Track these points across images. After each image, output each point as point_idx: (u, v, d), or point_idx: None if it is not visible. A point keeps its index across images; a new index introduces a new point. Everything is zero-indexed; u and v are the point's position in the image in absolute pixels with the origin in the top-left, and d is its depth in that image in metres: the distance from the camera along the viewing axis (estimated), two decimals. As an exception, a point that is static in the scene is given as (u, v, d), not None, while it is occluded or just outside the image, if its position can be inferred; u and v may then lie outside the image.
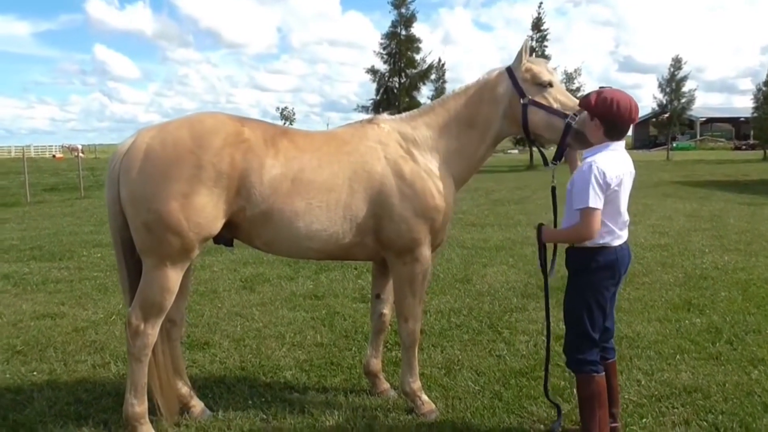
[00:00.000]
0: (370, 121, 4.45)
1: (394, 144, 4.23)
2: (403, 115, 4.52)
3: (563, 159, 4.19)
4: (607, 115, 3.60)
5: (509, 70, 4.22)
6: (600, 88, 3.76)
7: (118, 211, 3.88)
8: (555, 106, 4.07)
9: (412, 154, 4.21)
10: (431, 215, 4.15)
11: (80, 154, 42.26)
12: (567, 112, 4.02)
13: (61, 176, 33.56)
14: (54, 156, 71.01)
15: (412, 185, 4.11)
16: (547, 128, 4.13)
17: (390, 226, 4.09)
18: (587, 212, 3.55)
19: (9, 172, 36.63)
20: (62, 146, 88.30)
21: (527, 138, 4.30)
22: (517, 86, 4.16)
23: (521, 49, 4.20)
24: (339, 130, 4.43)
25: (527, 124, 4.16)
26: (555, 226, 4.27)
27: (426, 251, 4.23)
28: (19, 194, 22.18)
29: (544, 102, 4.10)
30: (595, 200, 3.52)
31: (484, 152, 4.42)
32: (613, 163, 3.61)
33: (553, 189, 4.25)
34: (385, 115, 4.51)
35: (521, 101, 4.13)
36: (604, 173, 3.53)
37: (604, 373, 3.81)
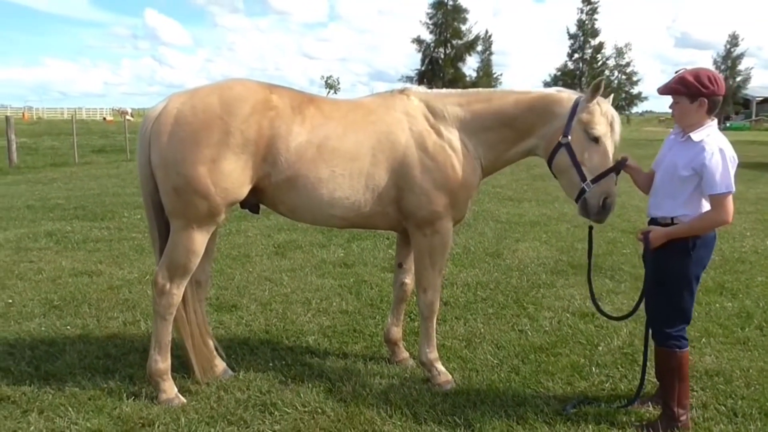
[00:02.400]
0: (401, 91, 4.42)
1: (420, 117, 4.21)
2: (441, 90, 4.49)
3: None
4: (714, 95, 3.61)
5: (577, 101, 4.03)
6: (677, 71, 3.73)
7: (149, 175, 3.98)
8: (586, 164, 3.96)
9: (437, 129, 4.18)
10: (452, 189, 4.14)
11: (129, 117, 43.08)
12: (588, 176, 3.94)
13: (110, 138, 34.30)
14: (105, 119, 72.50)
15: (434, 158, 4.10)
16: (565, 178, 4.09)
17: (411, 197, 4.11)
18: (727, 197, 3.57)
19: (61, 133, 37.52)
20: (113, 109, 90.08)
21: (551, 171, 4.21)
22: (570, 120, 4.00)
23: (593, 86, 3.95)
24: (366, 99, 4.43)
25: (552, 161, 4.11)
26: (589, 270, 4.26)
27: (447, 224, 4.23)
28: (68, 155, 22.79)
29: (577, 153, 3.97)
30: (733, 184, 3.59)
31: (511, 156, 4.36)
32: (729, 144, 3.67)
33: (591, 228, 4.23)
34: (417, 87, 4.49)
35: (560, 138, 4.02)
36: (733, 157, 3.60)
37: (687, 348, 3.87)
